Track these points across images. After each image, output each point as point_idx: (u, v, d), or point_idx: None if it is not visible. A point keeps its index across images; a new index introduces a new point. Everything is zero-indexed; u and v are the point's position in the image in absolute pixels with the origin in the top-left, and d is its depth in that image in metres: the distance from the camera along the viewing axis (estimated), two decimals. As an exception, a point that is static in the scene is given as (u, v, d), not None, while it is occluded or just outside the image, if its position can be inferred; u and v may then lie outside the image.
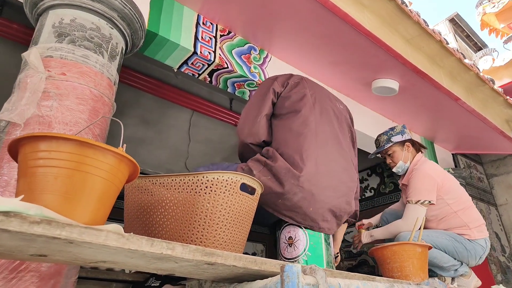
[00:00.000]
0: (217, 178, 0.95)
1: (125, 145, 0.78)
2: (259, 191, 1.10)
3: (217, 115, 4.37)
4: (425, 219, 1.86)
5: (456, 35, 6.28)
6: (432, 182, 2.25)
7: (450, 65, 2.71)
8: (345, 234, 5.30)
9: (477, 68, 2.88)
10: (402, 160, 2.41)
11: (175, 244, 0.76)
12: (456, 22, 6.47)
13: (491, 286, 2.22)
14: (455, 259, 2.17)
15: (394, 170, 2.46)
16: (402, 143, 2.46)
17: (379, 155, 2.58)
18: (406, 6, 2.31)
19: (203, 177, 0.95)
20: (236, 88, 2.59)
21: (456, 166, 4.35)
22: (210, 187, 0.94)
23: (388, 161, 2.49)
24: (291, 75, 1.71)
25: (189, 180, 0.96)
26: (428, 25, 2.47)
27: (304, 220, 1.32)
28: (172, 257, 0.78)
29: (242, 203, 1.01)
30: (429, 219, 2.26)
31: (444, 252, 2.15)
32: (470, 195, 4.25)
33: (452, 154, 4.42)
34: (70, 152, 0.68)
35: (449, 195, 2.26)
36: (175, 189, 0.98)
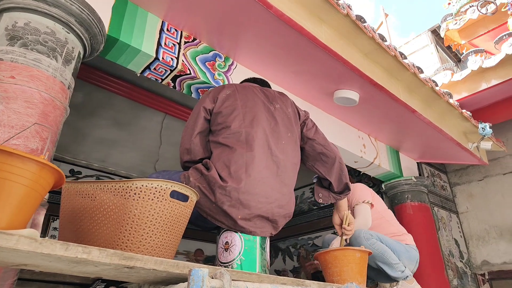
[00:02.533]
0: (146, 186, 0.99)
1: (47, 153, 0.82)
2: (193, 198, 1.15)
3: (191, 119, 4.40)
4: (350, 217, 2.01)
5: (437, 46, 6.46)
6: (367, 191, 2.72)
7: (407, 79, 2.84)
8: (314, 238, 5.43)
9: (433, 82, 3.01)
10: None
11: (91, 248, 0.80)
12: (438, 33, 6.63)
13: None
14: (399, 259, 2.34)
15: None
16: None
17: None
18: (364, 21, 2.41)
19: (132, 184, 0.99)
20: (200, 94, 2.63)
21: (420, 175, 4.51)
22: (139, 194, 0.99)
23: None
24: (223, 88, 1.77)
25: (119, 186, 1.01)
26: (385, 41, 2.57)
27: (235, 226, 1.39)
28: (89, 261, 0.82)
29: (173, 209, 1.05)
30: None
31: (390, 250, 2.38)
32: (432, 202, 4.47)
33: (417, 162, 4.57)
34: (-14, 160, 0.72)
35: (379, 206, 2.69)
36: (107, 195, 1.02)
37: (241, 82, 2.15)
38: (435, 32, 6.63)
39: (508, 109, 4.01)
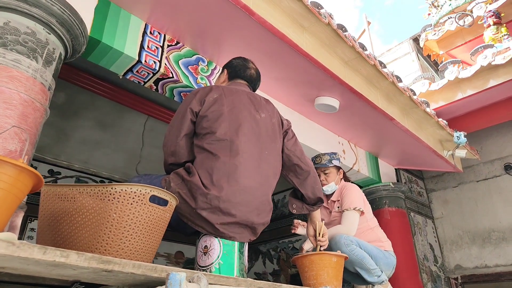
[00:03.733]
0: (125, 190, 1.00)
1: (26, 156, 0.82)
2: (173, 202, 1.17)
3: (174, 121, 4.39)
4: (324, 228, 2.02)
5: (418, 54, 6.61)
6: (362, 197, 2.68)
7: (385, 87, 2.92)
8: (295, 242, 5.47)
9: (411, 91, 3.10)
10: (334, 182, 2.75)
11: (69, 252, 0.81)
12: (419, 42, 6.78)
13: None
14: (376, 265, 2.39)
15: (323, 188, 2.73)
16: (338, 168, 2.82)
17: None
18: (345, 30, 2.47)
19: (111, 188, 1.00)
20: (183, 97, 2.64)
21: (398, 181, 4.61)
22: (118, 198, 1.00)
23: (322, 178, 2.77)
24: (210, 90, 1.73)
25: (99, 190, 1.01)
26: (366, 49, 2.64)
27: (214, 231, 1.41)
28: (67, 265, 0.82)
29: (152, 214, 1.07)
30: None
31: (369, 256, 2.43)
32: (409, 208, 4.58)
33: (395, 169, 4.68)
34: (-36, 163, 0.72)
35: (368, 213, 2.69)
36: (87, 199, 1.02)
37: (233, 61, 2.07)
38: (416, 40, 6.79)
39: (482, 119, 4.16)
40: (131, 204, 1.01)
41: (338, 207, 2.67)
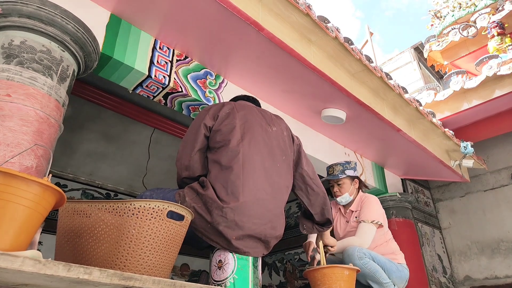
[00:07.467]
0: (144, 206, 1.02)
1: (50, 175, 0.84)
2: (188, 217, 1.18)
3: (180, 134, 4.43)
4: (322, 246, 2.04)
5: (420, 63, 6.65)
6: (382, 210, 2.67)
7: (392, 99, 2.94)
8: (301, 253, 5.43)
9: (418, 102, 3.12)
10: (348, 193, 2.71)
11: (92, 269, 0.83)
12: (420, 51, 6.83)
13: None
14: (389, 278, 2.38)
15: (338, 199, 2.73)
16: (352, 178, 2.77)
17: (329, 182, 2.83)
18: (351, 43, 2.50)
19: (130, 204, 1.02)
20: (191, 111, 2.67)
21: (404, 191, 4.60)
22: (137, 214, 1.02)
23: (335, 189, 2.74)
24: (222, 105, 1.77)
25: (118, 207, 1.03)
26: (372, 62, 2.67)
27: (229, 246, 1.42)
28: (90, 281, 0.84)
29: (169, 229, 1.08)
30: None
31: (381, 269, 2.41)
32: (416, 218, 4.56)
33: (401, 179, 4.67)
34: (-7, 183, 0.74)
35: (385, 227, 2.66)
36: (105, 215, 1.04)
37: (233, 99, 2.17)
38: (417, 49, 6.83)
39: (488, 128, 4.17)
40: (150, 220, 1.03)
41: (356, 217, 2.65)
